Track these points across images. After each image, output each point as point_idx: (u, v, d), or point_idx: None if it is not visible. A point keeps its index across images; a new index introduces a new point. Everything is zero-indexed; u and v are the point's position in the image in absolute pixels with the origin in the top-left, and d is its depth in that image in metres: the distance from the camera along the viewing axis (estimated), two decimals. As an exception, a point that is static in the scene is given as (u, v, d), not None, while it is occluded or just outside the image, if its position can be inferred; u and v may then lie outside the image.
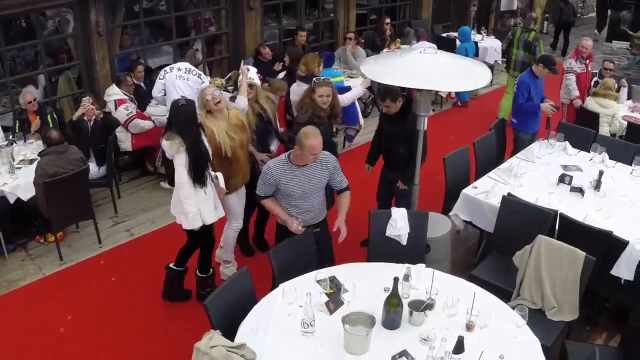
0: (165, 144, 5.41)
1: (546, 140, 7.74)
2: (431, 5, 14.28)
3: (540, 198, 6.26)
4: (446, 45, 12.12)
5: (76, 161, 6.63)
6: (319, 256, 5.29)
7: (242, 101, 6.25)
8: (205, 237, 5.92)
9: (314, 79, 6.17)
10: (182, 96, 6.47)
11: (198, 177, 5.40)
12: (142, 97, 8.88)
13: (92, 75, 8.86)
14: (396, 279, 4.26)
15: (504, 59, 12.14)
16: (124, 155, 8.58)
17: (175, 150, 5.32)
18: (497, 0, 15.70)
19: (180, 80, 7.81)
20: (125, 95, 8.27)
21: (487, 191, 6.44)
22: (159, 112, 8.55)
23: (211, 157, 5.59)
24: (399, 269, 4.85)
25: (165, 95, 7.91)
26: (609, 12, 19.00)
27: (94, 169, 7.42)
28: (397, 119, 6.19)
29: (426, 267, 4.96)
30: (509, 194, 6.16)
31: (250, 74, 6.46)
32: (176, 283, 6.12)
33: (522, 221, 5.91)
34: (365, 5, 13.46)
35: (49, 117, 7.83)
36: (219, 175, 5.70)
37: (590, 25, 21.07)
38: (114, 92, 8.20)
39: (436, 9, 14.49)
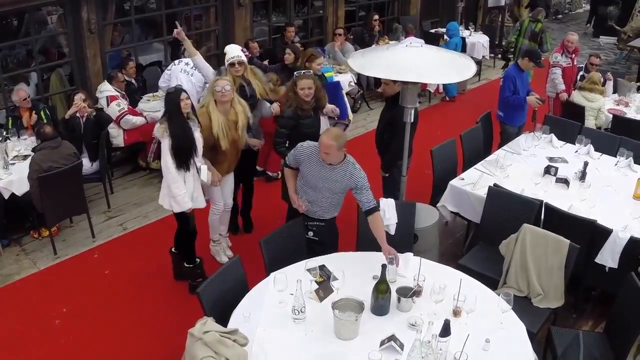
0: (155, 127, 5.75)
1: (532, 132, 7.88)
2: (419, 1, 14.37)
3: (526, 189, 6.38)
4: (434, 40, 12.20)
5: (69, 156, 6.72)
6: (318, 251, 5.29)
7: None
8: (182, 225, 6.07)
9: (295, 72, 6.28)
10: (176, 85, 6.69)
11: (180, 162, 5.58)
12: (133, 93, 8.96)
13: (84, 72, 8.92)
14: (384, 266, 4.38)
15: (512, 49, 12.45)
16: (117, 151, 8.65)
17: (160, 135, 5.58)
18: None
19: (184, 74, 7.95)
20: (117, 91, 8.34)
21: (474, 182, 6.56)
22: (150, 107, 8.64)
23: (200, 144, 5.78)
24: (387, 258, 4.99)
25: (169, 86, 7.99)
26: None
27: (87, 165, 7.50)
28: (388, 105, 6.34)
29: (414, 255, 5.08)
30: (495, 184, 6.28)
31: (235, 51, 6.69)
32: (183, 264, 6.30)
33: (508, 211, 6.04)
34: (354, 1, 13.53)
35: (42, 113, 7.89)
36: (203, 167, 5.85)
37: (579, 21, 21.27)
38: (105, 89, 8.28)
39: (424, 5, 14.58)
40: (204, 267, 6.30)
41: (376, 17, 12.37)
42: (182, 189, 5.66)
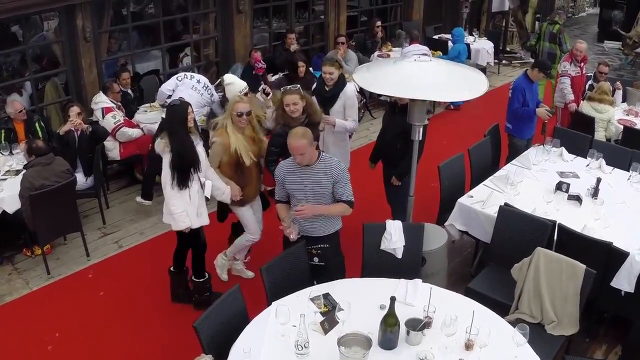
0: (156, 142, 5.52)
1: (542, 145, 7.63)
2: (422, 6, 14.13)
3: (537, 207, 6.13)
4: (438, 47, 12.01)
5: (63, 173, 6.46)
6: (324, 278, 5.03)
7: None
8: (192, 240, 5.88)
9: (282, 87, 6.04)
10: (180, 98, 6.55)
11: (180, 178, 5.39)
12: (129, 104, 8.71)
13: (79, 82, 8.69)
14: (393, 299, 4.12)
15: (534, 52, 12.33)
16: (112, 164, 8.39)
17: (161, 150, 5.40)
18: (488, 1, 15.54)
19: (194, 91, 7.83)
20: (113, 102, 8.09)
21: (484, 200, 6.32)
22: (147, 119, 8.39)
23: (216, 163, 5.72)
24: (394, 285, 4.76)
25: (171, 95, 7.89)
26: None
27: (82, 180, 7.26)
28: (400, 112, 6.08)
29: (423, 282, 4.84)
30: (505, 203, 6.04)
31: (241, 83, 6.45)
32: (181, 285, 6.15)
33: (519, 232, 5.80)
34: (356, 7, 13.30)
35: (36, 124, 7.66)
36: (208, 183, 5.67)
37: (583, 25, 21.05)
38: (101, 100, 8.02)
39: (427, 10, 14.36)
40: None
41: (379, 23, 12.12)
42: (179, 207, 5.47)
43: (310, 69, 9.99)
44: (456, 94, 5.02)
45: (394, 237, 5.34)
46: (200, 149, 5.55)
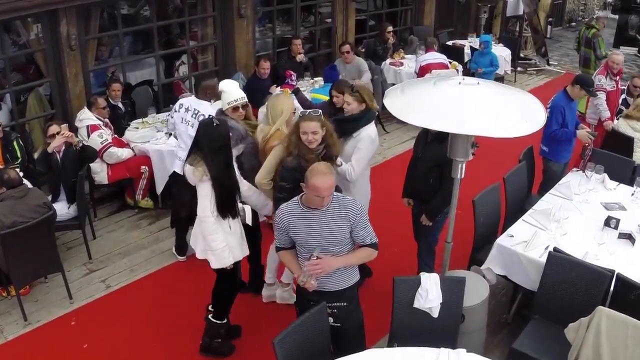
0: (188, 170, 4.78)
1: (581, 171, 6.82)
2: (433, 10, 13.29)
3: (589, 251, 5.33)
4: (454, 54, 11.17)
5: (38, 207, 5.59)
6: (341, 342, 4.30)
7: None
8: (232, 276, 5.19)
9: (300, 112, 5.11)
10: (210, 115, 5.73)
11: (224, 209, 4.81)
12: (120, 119, 7.86)
13: (63, 94, 7.82)
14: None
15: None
16: (100, 188, 7.52)
17: (198, 179, 4.71)
18: (503, 5, 14.71)
19: (185, 124, 6.42)
20: (99, 119, 7.22)
21: (527, 241, 5.49)
22: (139, 137, 7.53)
23: (271, 173, 5.16)
24: (433, 357, 3.96)
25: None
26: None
27: (63, 208, 6.42)
28: (434, 141, 5.28)
29: (467, 352, 4.03)
30: (555, 249, 5.20)
31: (238, 92, 5.61)
32: (219, 336, 5.36)
33: (572, 282, 4.98)
34: (364, 10, 12.44)
35: (14, 144, 6.76)
36: (247, 207, 5.10)
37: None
38: (85, 117, 7.16)
39: (438, 14, 13.53)
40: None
41: (390, 28, 11.28)
42: (222, 242, 4.81)
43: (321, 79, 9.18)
44: (513, 129, 4.09)
45: (430, 294, 4.51)
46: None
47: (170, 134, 7.49)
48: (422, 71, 9.91)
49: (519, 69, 13.94)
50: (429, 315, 4.58)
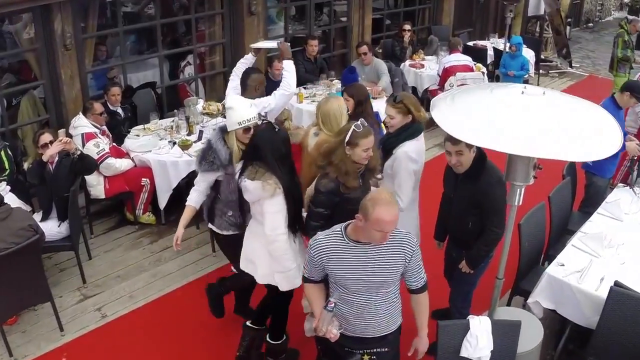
0: (252, 185, 4.15)
1: (628, 187, 6.14)
2: (453, 9, 12.57)
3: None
4: (477, 56, 10.46)
5: (22, 230, 4.87)
6: None
7: None
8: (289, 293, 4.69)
9: (354, 125, 4.34)
10: (264, 118, 5.22)
11: (297, 224, 4.33)
12: (119, 126, 7.18)
13: (58, 98, 7.12)
14: None
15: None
16: (96, 202, 6.83)
17: (270, 194, 4.12)
18: (524, 4, 13.98)
19: None
20: (95, 126, 6.54)
21: (580, 271, 4.81)
22: (140, 146, 6.85)
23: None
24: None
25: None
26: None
27: (53, 227, 5.73)
28: (466, 179, 4.47)
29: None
30: (616, 282, 4.50)
31: (248, 111, 4.70)
32: (255, 346, 4.93)
33: (637, 322, 4.29)
34: (381, 9, 11.74)
35: (2, 154, 6.08)
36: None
37: (612, 30, 19.56)
38: (80, 124, 6.47)
39: (457, 13, 12.82)
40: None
41: (407, 26, 10.58)
42: (293, 262, 4.30)
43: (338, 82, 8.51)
44: (588, 151, 3.37)
45: (480, 342, 3.83)
46: None
47: (174, 143, 6.85)
48: (446, 73, 9.25)
49: (540, 71, 13.24)
50: (476, 364, 3.91)
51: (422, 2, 12.34)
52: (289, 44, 6.10)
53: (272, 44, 6.35)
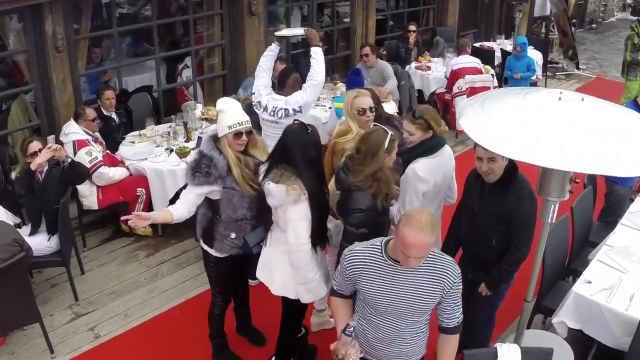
0: (276, 189, 3.84)
1: (651, 196, 5.84)
2: (457, 10, 12.25)
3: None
4: (484, 58, 10.12)
5: (7, 246, 4.51)
6: None
7: None
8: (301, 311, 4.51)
9: (390, 132, 3.97)
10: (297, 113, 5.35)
11: (322, 234, 4.10)
12: (114, 131, 6.83)
13: (49, 102, 6.77)
14: None
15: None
16: (88, 213, 6.48)
17: (294, 199, 3.82)
18: (530, 4, 13.67)
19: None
20: (87, 133, 6.19)
21: (609, 289, 4.47)
22: (135, 153, 6.50)
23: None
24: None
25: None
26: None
27: (43, 241, 5.39)
28: (494, 190, 4.11)
29: None
30: (651, 302, 4.18)
31: (240, 115, 4.28)
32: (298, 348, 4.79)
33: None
34: (384, 10, 11.41)
35: (-12, 163, 5.77)
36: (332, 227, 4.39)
37: (615, 31, 19.33)
38: (71, 131, 6.13)
39: (462, 14, 12.51)
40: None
41: (412, 27, 10.26)
42: (316, 273, 4.04)
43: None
44: (633, 166, 3.01)
45: (510, 372, 3.49)
46: None
47: (172, 150, 6.50)
48: (454, 76, 8.93)
49: (547, 73, 12.92)
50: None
51: (426, 2, 12.02)
52: (315, 30, 5.80)
53: (298, 31, 6.02)
